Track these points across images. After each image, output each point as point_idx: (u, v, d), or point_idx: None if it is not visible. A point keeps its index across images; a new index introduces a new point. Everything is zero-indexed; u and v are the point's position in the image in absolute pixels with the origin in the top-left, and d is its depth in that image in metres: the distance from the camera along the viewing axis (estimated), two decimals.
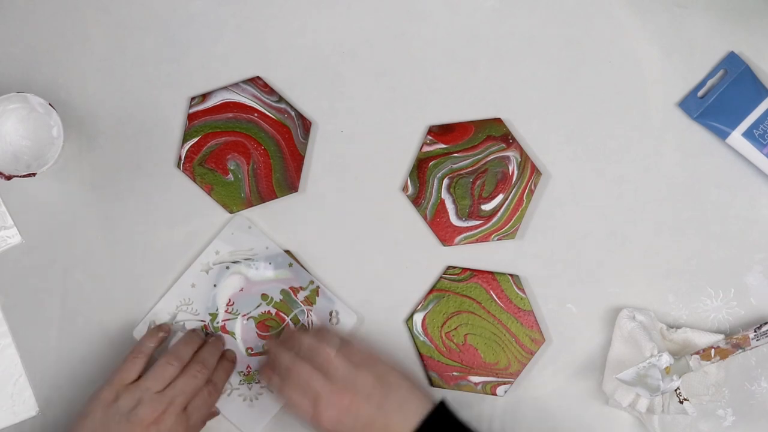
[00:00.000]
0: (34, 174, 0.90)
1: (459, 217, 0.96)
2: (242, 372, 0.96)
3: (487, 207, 0.96)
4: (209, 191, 0.96)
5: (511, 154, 0.96)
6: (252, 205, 0.96)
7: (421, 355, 0.96)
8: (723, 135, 0.96)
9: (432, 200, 0.96)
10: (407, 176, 0.97)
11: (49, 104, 0.90)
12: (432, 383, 0.96)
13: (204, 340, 0.95)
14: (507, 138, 0.96)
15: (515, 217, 0.96)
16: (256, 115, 0.96)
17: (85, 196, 0.96)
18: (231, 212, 0.96)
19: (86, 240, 0.96)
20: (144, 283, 0.96)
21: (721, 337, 0.94)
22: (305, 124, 0.96)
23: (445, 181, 0.96)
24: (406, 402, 0.88)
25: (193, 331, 0.95)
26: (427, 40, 0.97)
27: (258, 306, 0.96)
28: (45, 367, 0.96)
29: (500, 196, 0.96)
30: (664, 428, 0.93)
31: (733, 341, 0.92)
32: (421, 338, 0.96)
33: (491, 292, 0.96)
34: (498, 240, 0.96)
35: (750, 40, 0.97)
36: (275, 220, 0.97)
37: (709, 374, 0.94)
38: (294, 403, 0.90)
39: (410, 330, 0.96)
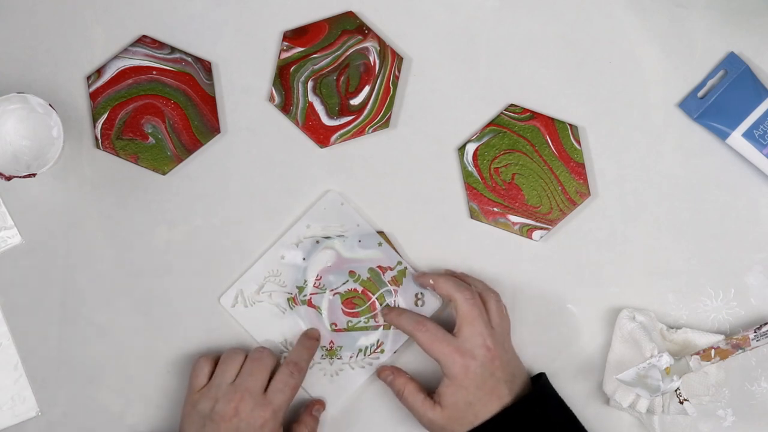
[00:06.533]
0: (34, 174, 0.90)
1: (330, 116, 0.96)
2: (325, 347, 0.96)
3: (355, 101, 0.97)
4: (135, 161, 0.96)
5: (370, 44, 0.96)
6: (181, 160, 0.96)
7: (466, 185, 0.96)
8: (723, 135, 0.96)
9: (300, 105, 0.96)
10: (271, 86, 0.96)
11: (49, 104, 0.90)
12: (472, 215, 0.96)
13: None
14: (362, 29, 0.96)
15: (385, 106, 0.96)
16: (154, 72, 0.96)
17: (85, 196, 0.96)
18: (164, 173, 0.96)
19: (86, 240, 0.96)
20: (144, 283, 0.96)
21: (721, 337, 0.94)
22: (205, 66, 0.96)
23: (310, 84, 0.96)
24: (518, 373, 0.93)
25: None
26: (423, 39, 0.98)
27: (345, 282, 0.96)
28: (45, 367, 0.96)
29: (366, 88, 0.97)
30: (664, 429, 0.93)
31: (733, 342, 0.92)
32: (470, 168, 0.96)
33: (547, 137, 0.96)
34: (373, 131, 0.96)
35: (750, 40, 0.97)
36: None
37: (709, 375, 0.94)
38: (475, 319, 0.91)
39: (460, 159, 0.96)
